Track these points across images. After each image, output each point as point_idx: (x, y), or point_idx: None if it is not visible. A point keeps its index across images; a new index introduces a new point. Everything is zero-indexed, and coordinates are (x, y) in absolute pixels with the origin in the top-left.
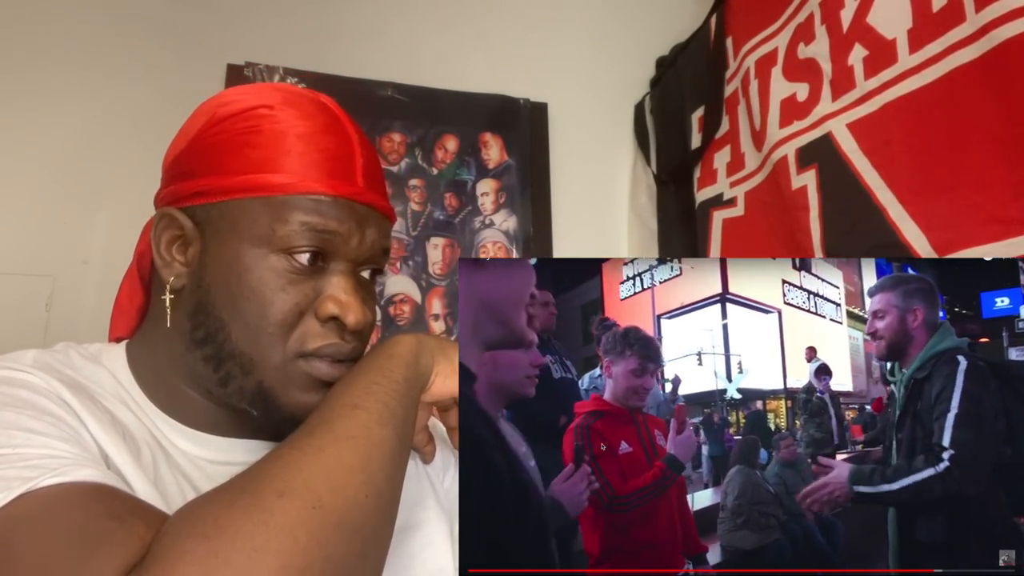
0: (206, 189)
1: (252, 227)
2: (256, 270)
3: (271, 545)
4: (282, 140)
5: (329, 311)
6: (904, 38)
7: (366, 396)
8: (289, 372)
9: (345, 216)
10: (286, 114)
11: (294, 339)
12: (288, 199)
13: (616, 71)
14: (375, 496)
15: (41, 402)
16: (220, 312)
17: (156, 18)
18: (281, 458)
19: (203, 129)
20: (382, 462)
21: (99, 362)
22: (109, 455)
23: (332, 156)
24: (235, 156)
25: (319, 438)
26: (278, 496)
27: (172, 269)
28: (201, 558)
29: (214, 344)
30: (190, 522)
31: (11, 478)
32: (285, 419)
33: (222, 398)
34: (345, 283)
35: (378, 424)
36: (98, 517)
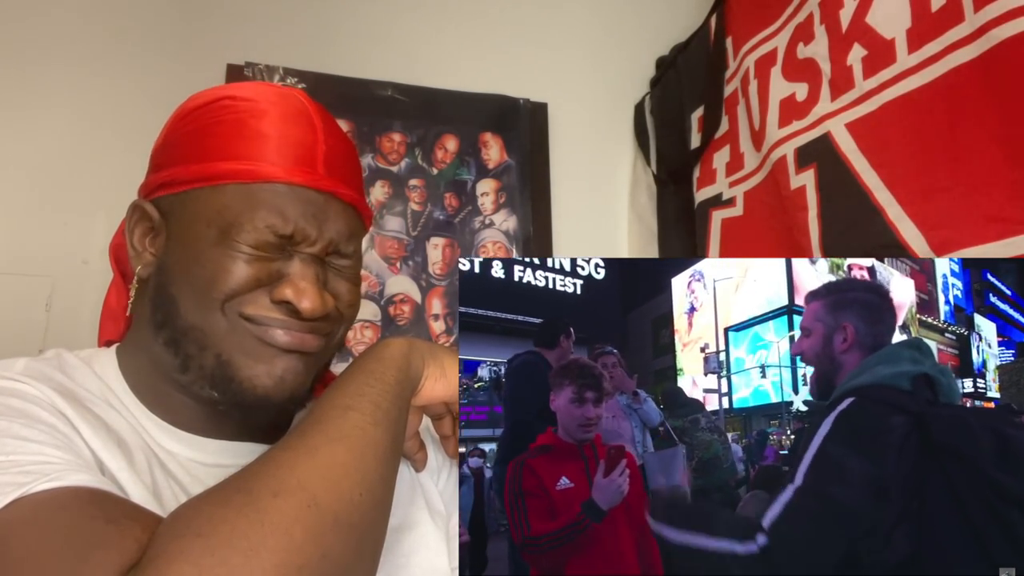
0: (170, 180)
1: (213, 216)
2: (217, 247)
3: (267, 543)
4: (242, 129)
5: (284, 295)
6: (903, 38)
7: (359, 398)
8: (241, 339)
9: (303, 209)
10: (247, 104)
11: (236, 302)
12: (247, 188)
13: (616, 71)
14: (369, 494)
15: (33, 410)
16: (172, 288)
17: (156, 18)
18: (275, 458)
19: (173, 123)
20: (375, 462)
21: (90, 367)
22: (103, 461)
23: (292, 143)
24: (196, 146)
25: (312, 438)
26: (273, 495)
27: (142, 259)
28: (197, 557)
29: (169, 324)
30: (185, 522)
31: (4, 484)
32: (248, 401)
33: (187, 387)
34: (304, 269)
35: (371, 424)
36: (93, 520)
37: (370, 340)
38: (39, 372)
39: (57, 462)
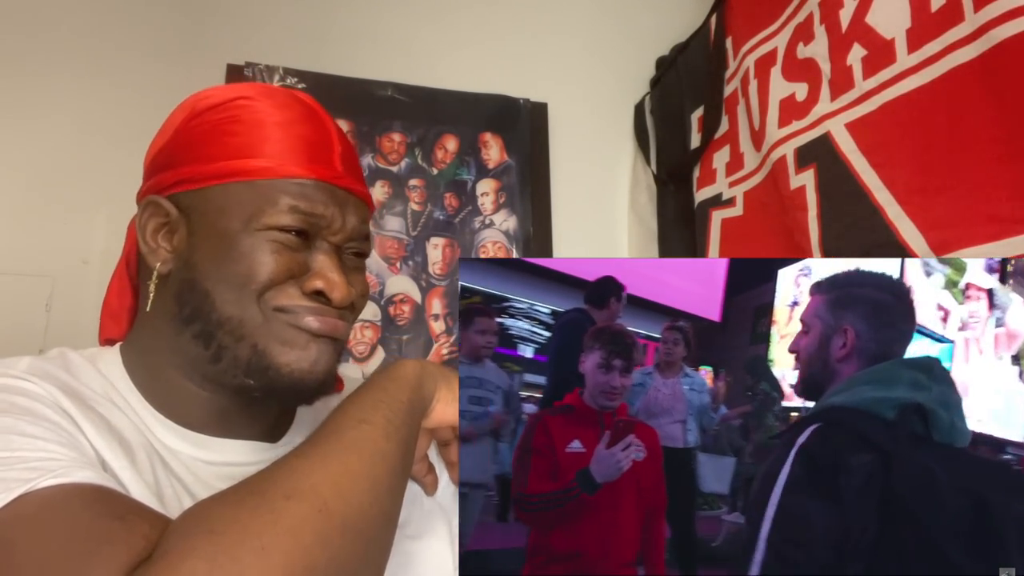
0: (189, 176)
1: (239, 209)
2: (247, 240)
3: (278, 544)
4: (261, 128)
5: (315, 286)
6: (903, 38)
7: (372, 412)
8: (275, 328)
9: (327, 199)
10: (263, 104)
11: (270, 295)
12: (273, 182)
13: (616, 71)
14: (377, 504)
15: (38, 408)
16: (205, 283)
17: (156, 18)
18: (289, 464)
19: (184, 122)
20: (386, 473)
21: (94, 366)
22: (106, 460)
23: (310, 143)
24: (216, 144)
25: (326, 447)
26: (286, 498)
27: (158, 256)
28: (209, 554)
29: (201, 318)
30: (198, 520)
31: (10, 479)
32: (283, 386)
33: (217, 377)
34: (330, 262)
35: (383, 438)
36: (100, 516)
37: (370, 340)
38: (43, 371)
39: (62, 459)
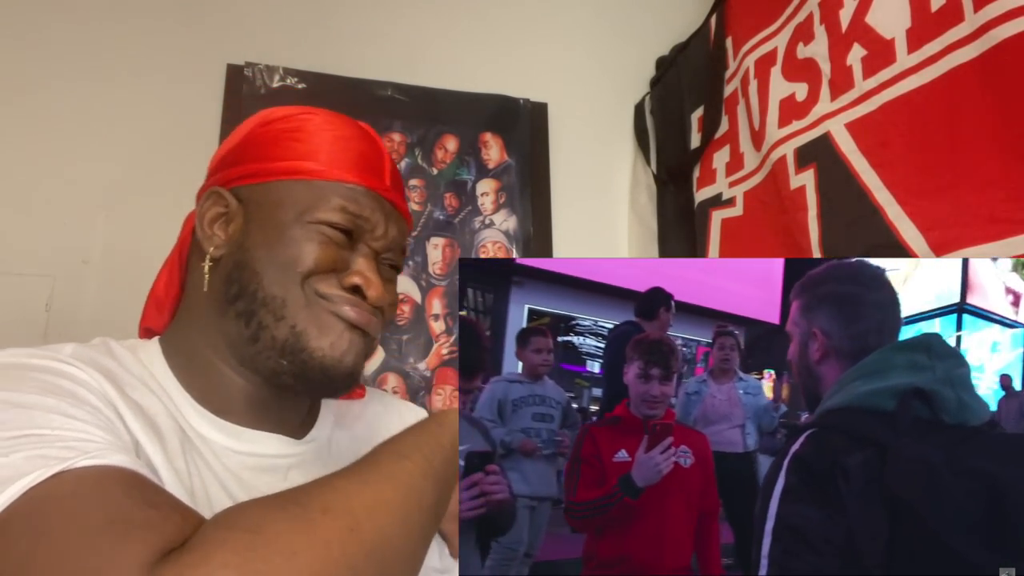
0: (254, 172)
1: (294, 203)
2: (298, 230)
3: (308, 553)
4: (322, 137)
5: (354, 281)
6: (903, 38)
7: (413, 450)
8: (315, 312)
9: (374, 206)
10: (326, 119)
11: (314, 280)
12: (327, 184)
13: (616, 71)
14: (406, 536)
15: (80, 392)
16: (255, 264)
17: (156, 18)
18: (331, 482)
19: (253, 129)
20: (418, 509)
21: (135, 355)
22: (140, 443)
23: (364, 155)
24: (281, 146)
25: (366, 474)
26: (323, 512)
27: (212, 241)
28: (242, 550)
29: (247, 296)
30: (237, 517)
31: (49, 457)
32: (312, 371)
33: (253, 360)
34: (369, 264)
35: (420, 476)
36: (134, 500)
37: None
38: (88, 357)
39: (100, 441)
